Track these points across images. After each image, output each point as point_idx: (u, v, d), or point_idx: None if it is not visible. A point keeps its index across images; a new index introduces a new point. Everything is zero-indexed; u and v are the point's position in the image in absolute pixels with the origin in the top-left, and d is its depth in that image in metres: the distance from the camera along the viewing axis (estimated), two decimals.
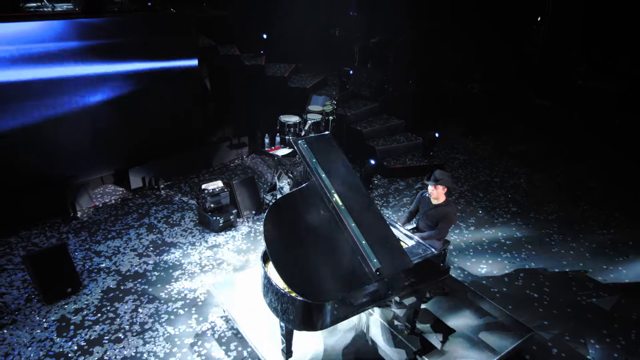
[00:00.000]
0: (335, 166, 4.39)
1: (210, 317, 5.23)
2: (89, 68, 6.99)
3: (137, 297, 5.48)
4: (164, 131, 8.15)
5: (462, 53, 11.48)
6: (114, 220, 6.98)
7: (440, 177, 4.95)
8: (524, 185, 8.75)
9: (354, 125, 9.39)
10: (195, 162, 8.48)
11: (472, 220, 7.50)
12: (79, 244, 6.39)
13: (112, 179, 7.93)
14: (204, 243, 6.56)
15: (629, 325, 5.43)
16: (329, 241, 3.97)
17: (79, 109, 7.06)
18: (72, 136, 7.13)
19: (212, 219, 6.72)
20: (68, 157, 7.16)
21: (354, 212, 4.09)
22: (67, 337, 4.87)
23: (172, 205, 7.49)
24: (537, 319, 5.43)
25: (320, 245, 3.93)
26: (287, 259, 3.77)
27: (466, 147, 10.36)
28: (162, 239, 6.61)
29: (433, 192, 5.00)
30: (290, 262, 3.77)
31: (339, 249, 3.93)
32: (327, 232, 4.01)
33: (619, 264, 6.54)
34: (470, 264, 6.38)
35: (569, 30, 12.27)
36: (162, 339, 4.90)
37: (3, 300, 5.32)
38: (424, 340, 4.66)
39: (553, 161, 9.73)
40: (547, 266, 6.45)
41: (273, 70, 10.32)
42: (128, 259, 6.14)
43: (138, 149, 7.89)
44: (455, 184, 5.33)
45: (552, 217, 7.68)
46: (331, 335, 4.67)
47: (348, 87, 10.29)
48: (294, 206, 4.07)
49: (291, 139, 4.46)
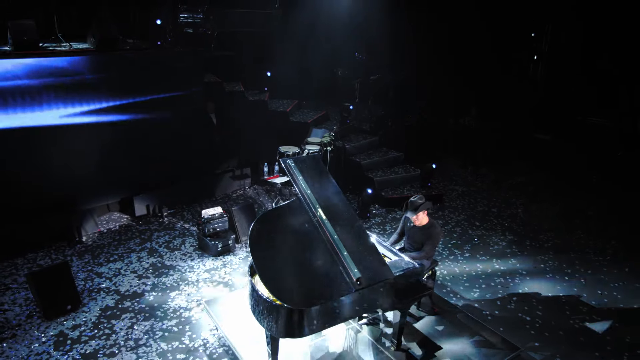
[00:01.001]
0: (321, 184, 4.62)
1: (203, 334, 5.35)
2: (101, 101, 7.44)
3: (133, 315, 5.63)
4: (169, 162, 8.48)
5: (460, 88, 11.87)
6: (116, 245, 7.22)
7: (417, 204, 5.11)
8: (521, 214, 8.85)
9: (353, 157, 9.68)
10: (199, 192, 8.77)
11: (467, 247, 7.59)
12: (81, 265, 6.62)
13: (117, 206, 8.24)
14: (202, 266, 6.74)
15: (621, 347, 5.41)
16: (312, 252, 4.15)
17: (88, 140, 7.46)
18: (81, 165, 7.49)
19: (211, 244, 6.92)
20: (75, 185, 7.48)
21: (337, 226, 4.29)
22: (64, 351, 5.02)
23: (174, 231, 7.73)
24: (529, 341, 5.44)
25: (303, 256, 4.11)
26: (271, 268, 3.95)
27: (465, 179, 10.53)
28: (162, 262, 6.81)
29: (416, 221, 5.18)
30: (273, 271, 3.95)
31: (321, 260, 4.11)
32: (311, 244, 4.20)
33: (613, 290, 6.54)
34: (463, 289, 6.44)
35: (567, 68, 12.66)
36: (155, 354, 5.02)
37: (5, 316, 5.52)
38: (410, 356, 4.72)
39: (552, 192, 9.84)
40: (540, 291, 6.47)
41: (276, 106, 10.77)
42: (128, 280, 6.33)
43: (143, 178, 8.22)
44: (433, 206, 5.50)
45: (548, 245, 7.74)
46: (318, 351, 4.75)
47: (348, 121, 10.65)
48: (280, 219, 4.29)
49: (280, 159, 4.70)
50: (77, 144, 7.35)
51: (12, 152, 6.80)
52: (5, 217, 6.78)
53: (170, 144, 8.44)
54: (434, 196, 9.20)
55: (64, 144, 7.23)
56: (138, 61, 7.86)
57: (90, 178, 7.64)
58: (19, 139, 6.80)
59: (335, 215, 4.37)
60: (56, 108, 7.05)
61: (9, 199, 6.84)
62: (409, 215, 5.16)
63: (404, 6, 11.61)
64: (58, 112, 7.08)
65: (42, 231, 7.01)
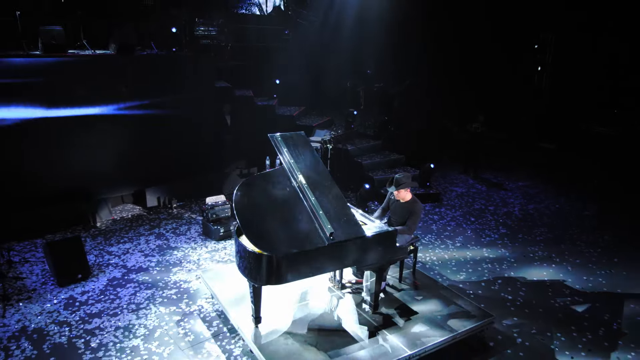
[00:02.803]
0: (305, 156, 5.08)
1: (199, 302, 5.78)
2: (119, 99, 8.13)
3: (137, 285, 6.11)
4: (181, 157, 9.07)
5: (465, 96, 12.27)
6: (127, 230, 7.78)
7: (400, 182, 5.46)
8: (517, 213, 9.07)
9: (356, 158, 10.12)
10: (208, 187, 9.30)
11: (459, 238, 7.86)
12: (94, 245, 7.18)
13: (131, 198, 8.84)
14: (204, 248, 7.21)
15: (598, 323, 5.58)
16: (292, 211, 4.59)
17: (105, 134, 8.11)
18: (99, 157, 8.12)
19: (213, 228, 7.41)
20: (93, 175, 8.10)
21: (316, 191, 4.73)
22: (72, 310, 5.52)
23: (182, 220, 8.26)
24: (508, 317, 5.67)
25: (283, 214, 4.55)
26: (252, 223, 4.41)
27: (465, 182, 10.82)
28: (167, 244, 7.32)
29: (398, 195, 5.54)
30: (255, 226, 4.39)
31: (300, 218, 4.54)
32: (291, 205, 4.64)
33: (599, 277, 6.70)
34: (450, 272, 6.71)
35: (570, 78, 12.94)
36: (154, 316, 5.46)
37: (23, 282, 6.07)
38: (386, 318, 5.03)
39: (552, 194, 10.04)
40: (526, 275, 6.69)
41: (283, 111, 11.36)
42: (135, 258, 6.84)
43: (156, 172, 8.81)
44: (415, 183, 5.86)
45: (540, 239, 7.94)
46: (301, 312, 5.11)
47: (353, 126, 11.13)
48: (263, 183, 4.75)
49: (269, 134, 5.19)
50: (95, 137, 8.00)
51: (37, 142, 7.48)
52: (29, 203, 7.42)
53: (183, 141, 9.03)
54: (432, 195, 9.52)
55: (84, 137, 7.88)
56: (153, 64, 8.58)
57: (107, 170, 8.25)
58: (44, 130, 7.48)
59: (315, 181, 4.80)
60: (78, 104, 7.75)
61: (33, 187, 7.49)
62: (390, 190, 5.53)
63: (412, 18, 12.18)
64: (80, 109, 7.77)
65: (60, 216, 7.63)
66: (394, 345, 4.59)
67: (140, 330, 5.20)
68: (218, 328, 5.27)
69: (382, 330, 4.81)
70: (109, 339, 5.03)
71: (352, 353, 4.47)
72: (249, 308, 4.88)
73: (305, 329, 4.84)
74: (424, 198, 9.49)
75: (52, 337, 5.04)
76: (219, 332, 5.20)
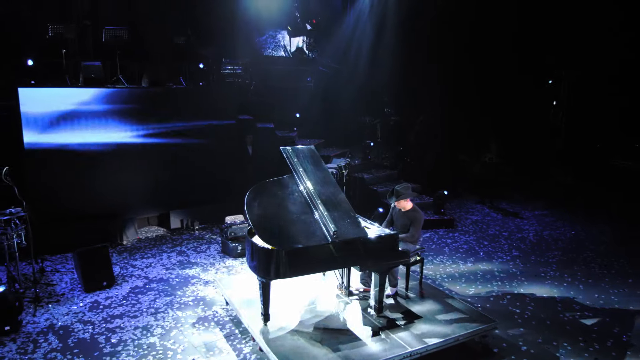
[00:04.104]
0: (314, 166, 5.48)
1: (214, 308, 6.07)
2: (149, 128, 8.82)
3: (157, 293, 6.48)
4: (205, 183, 9.58)
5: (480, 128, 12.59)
6: (151, 247, 8.24)
7: (400, 193, 5.77)
8: (531, 237, 9.12)
9: (371, 186, 10.46)
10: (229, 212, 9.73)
11: (471, 259, 7.97)
12: (119, 259, 7.64)
13: (156, 220, 9.35)
14: (222, 264, 7.56)
15: (607, 335, 5.57)
16: (299, 213, 4.95)
17: (135, 158, 8.74)
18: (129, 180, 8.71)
19: (231, 246, 7.78)
20: (123, 198, 8.66)
21: (323, 196, 5.09)
22: (96, 312, 5.89)
23: (202, 240, 8.68)
24: (514, 327, 5.73)
25: (291, 215, 4.92)
26: (262, 222, 4.77)
27: (481, 211, 10.94)
28: (187, 259, 7.71)
29: (399, 205, 5.84)
30: (264, 224, 4.76)
31: (306, 219, 4.89)
32: (299, 207, 5.01)
33: (612, 295, 6.68)
34: (459, 287, 6.83)
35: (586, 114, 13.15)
36: (171, 318, 5.78)
37: (53, 288, 6.53)
38: (390, 321, 5.20)
39: (568, 221, 10.05)
40: (536, 292, 6.73)
41: (303, 142, 11.88)
42: (157, 270, 7.24)
43: (181, 196, 9.32)
44: (415, 193, 6.14)
45: (553, 260, 7.97)
46: (308, 314, 5.34)
47: (369, 157, 11.55)
48: (273, 187, 5.15)
49: (280, 147, 5.63)
50: (125, 163, 8.62)
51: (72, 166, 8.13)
52: (63, 221, 7.99)
53: (207, 168, 9.57)
54: (447, 220, 9.70)
55: (115, 162, 8.51)
56: (181, 97, 9.30)
57: (135, 192, 8.82)
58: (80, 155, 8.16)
59: (322, 188, 5.17)
60: (114, 131, 8.45)
61: (68, 206, 8.09)
62: (390, 201, 5.83)
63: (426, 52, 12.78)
64: (115, 134, 8.47)
65: (90, 233, 8.10)
66: (396, 342, 4.75)
67: (157, 330, 5.51)
68: (230, 330, 5.53)
69: (385, 330, 4.98)
70: (128, 336, 5.36)
71: (354, 348, 4.66)
72: (259, 308, 5.15)
73: (312, 328, 5.06)
74: (438, 224, 9.69)
75: (77, 333, 5.41)
76: (231, 333, 5.46)
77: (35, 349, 5.10)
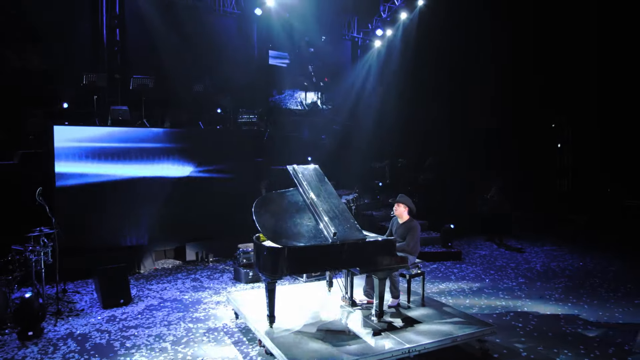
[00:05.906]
0: (317, 182, 5.93)
1: (224, 321, 6.34)
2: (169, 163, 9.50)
3: (170, 309, 6.78)
4: (220, 219, 10.04)
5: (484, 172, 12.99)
6: (167, 275, 8.61)
7: (400, 197, 6.20)
8: (539, 267, 9.22)
9: (381, 223, 10.79)
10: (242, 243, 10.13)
11: (476, 284, 8.11)
12: (136, 284, 8.00)
13: (172, 253, 9.77)
14: (234, 288, 7.86)
15: (609, 344, 5.63)
16: (302, 218, 5.36)
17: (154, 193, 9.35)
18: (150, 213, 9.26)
19: (243, 272, 8.11)
20: (143, 230, 9.18)
21: (325, 204, 5.51)
22: (113, 324, 6.21)
23: (216, 270, 9.02)
24: (515, 337, 5.83)
25: (294, 220, 5.33)
26: (269, 225, 5.19)
27: (490, 247, 11.08)
28: (201, 285, 8.04)
29: (397, 210, 6.22)
30: (270, 227, 5.17)
31: (308, 223, 5.29)
32: (302, 213, 5.43)
33: (616, 313, 6.73)
34: (463, 307, 6.96)
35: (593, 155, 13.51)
36: (182, 329, 6.06)
37: (73, 304, 6.90)
38: (391, 325, 5.40)
39: (576, 255, 10.13)
40: (540, 310, 6.82)
41: None
42: (171, 292, 7.58)
43: (198, 230, 9.79)
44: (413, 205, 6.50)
45: (559, 286, 8.04)
46: (311, 319, 5.58)
47: (378, 197, 11.98)
48: (279, 198, 5.61)
49: (287, 165, 6.14)
50: (147, 195, 9.23)
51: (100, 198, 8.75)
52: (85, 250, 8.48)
53: (224, 204, 10.08)
54: (454, 253, 9.89)
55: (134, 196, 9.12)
56: (200, 139, 10.05)
57: (153, 225, 9.33)
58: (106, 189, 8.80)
59: (324, 198, 5.59)
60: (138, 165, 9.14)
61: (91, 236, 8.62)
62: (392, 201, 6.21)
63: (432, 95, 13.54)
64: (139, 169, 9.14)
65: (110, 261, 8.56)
66: (395, 340, 4.95)
67: (169, 338, 5.79)
68: (238, 338, 5.77)
69: (385, 331, 5.19)
70: (141, 342, 5.65)
71: (354, 344, 4.87)
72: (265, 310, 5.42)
73: (315, 328, 5.29)
74: (446, 256, 9.87)
75: (94, 340, 5.72)
76: (239, 340, 5.71)
77: (55, 351, 5.41)
